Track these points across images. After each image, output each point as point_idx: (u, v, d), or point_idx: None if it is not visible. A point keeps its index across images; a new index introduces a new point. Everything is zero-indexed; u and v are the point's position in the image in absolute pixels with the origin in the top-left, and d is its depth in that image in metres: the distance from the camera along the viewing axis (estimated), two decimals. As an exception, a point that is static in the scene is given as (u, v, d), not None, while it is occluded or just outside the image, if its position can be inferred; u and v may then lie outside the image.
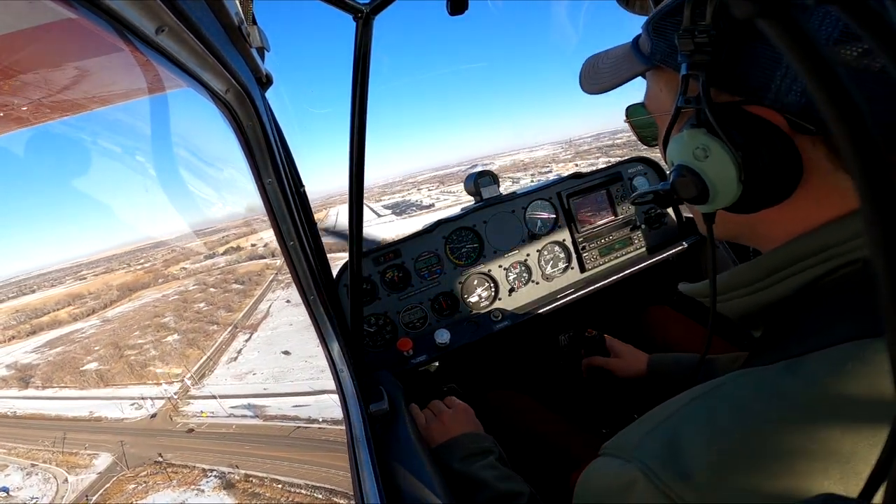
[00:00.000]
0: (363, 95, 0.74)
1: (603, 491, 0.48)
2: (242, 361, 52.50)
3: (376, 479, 0.85)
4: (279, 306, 67.11)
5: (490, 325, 1.50)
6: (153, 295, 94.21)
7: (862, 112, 0.19)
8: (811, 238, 0.47)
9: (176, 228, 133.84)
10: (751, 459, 0.38)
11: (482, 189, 1.67)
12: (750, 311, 0.55)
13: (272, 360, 50.55)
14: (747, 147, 0.46)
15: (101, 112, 0.85)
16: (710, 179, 0.49)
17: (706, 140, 0.48)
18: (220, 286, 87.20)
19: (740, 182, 0.47)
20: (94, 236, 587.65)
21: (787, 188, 0.47)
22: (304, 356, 47.21)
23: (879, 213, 0.19)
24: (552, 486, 1.05)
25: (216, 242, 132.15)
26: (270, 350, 53.02)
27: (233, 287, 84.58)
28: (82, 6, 0.40)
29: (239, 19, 0.73)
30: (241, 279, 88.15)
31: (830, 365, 0.39)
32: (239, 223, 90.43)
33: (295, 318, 58.13)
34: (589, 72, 0.70)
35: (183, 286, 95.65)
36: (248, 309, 70.66)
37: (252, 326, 62.34)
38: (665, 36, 0.53)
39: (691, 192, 0.51)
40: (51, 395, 55.07)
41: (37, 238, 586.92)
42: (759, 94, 0.45)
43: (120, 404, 47.83)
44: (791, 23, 0.19)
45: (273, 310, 66.77)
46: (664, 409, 0.47)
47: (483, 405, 1.34)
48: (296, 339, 51.57)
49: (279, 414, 39.37)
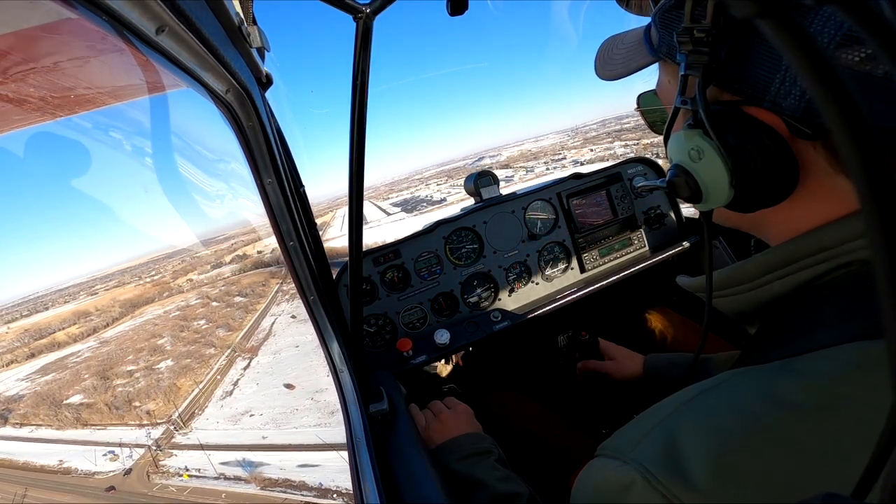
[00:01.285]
0: (363, 95, 0.74)
1: (600, 493, 0.47)
2: (239, 397, 44.68)
3: (376, 479, 0.84)
4: (283, 323, 61.46)
5: (490, 325, 1.50)
6: (155, 311, 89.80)
7: (862, 114, 0.19)
8: (809, 239, 0.47)
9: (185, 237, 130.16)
10: (749, 459, 0.38)
11: (482, 189, 1.67)
12: (746, 308, 0.55)
13: (273, 395, 42.41)
14: (741, 150, 0.46)
15: (100, 112, 0.85)
16: (703, 181, 0.49)
17: (700, 142, 0.48)
18: (222, 299, 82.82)
19: (732, 186, 0.47)
20: (110, 247, 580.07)
21: (782, 191, 0.47)
22: (310, 390, 40.09)
23: (880, 214, 0.19)
24: (552, 487, 1.05)
25: (225, 250, 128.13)
26: (272, 382, 45.21)
27: (235, 301, 79.64)
28: (82, 6, 0.40)
29: (239, 19, 0.73)
30: (244, 291, 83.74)
31: (828, 365, 0.39)
32: (245, 229, 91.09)
33: (301, 337, 51.06)
34: (604, 56, 0.70)
35: (185, 300, 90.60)
36: (250, 327, 64.92)
37: (252, 350, 55.53)
38: (670, 29, 0.53)
39: (685, 192, 0.52)
40: (25, 436, 49.98)
41: (51, 250, 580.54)
42: (758, 96, 0.45)
43: (94, 453, 41.71)
44: (791, 23, 0.19)
45: (277, 328, 60.55)
46: (661, 409, 0.47)
47: (483, 406, 1.34)
48: (301, 367, 44.71)
49: (281, 478, 30.64)
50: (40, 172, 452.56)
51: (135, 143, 0.97)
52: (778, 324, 0.50)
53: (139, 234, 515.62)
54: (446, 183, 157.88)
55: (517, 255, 1.64)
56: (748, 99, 0.46)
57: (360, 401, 1.05)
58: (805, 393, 0.39)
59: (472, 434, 1.03)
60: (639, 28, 0.65)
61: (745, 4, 0.19)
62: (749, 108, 0.46)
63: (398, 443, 0.97)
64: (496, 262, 1.62)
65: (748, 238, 0.64)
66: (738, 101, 0.47)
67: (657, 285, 1.80)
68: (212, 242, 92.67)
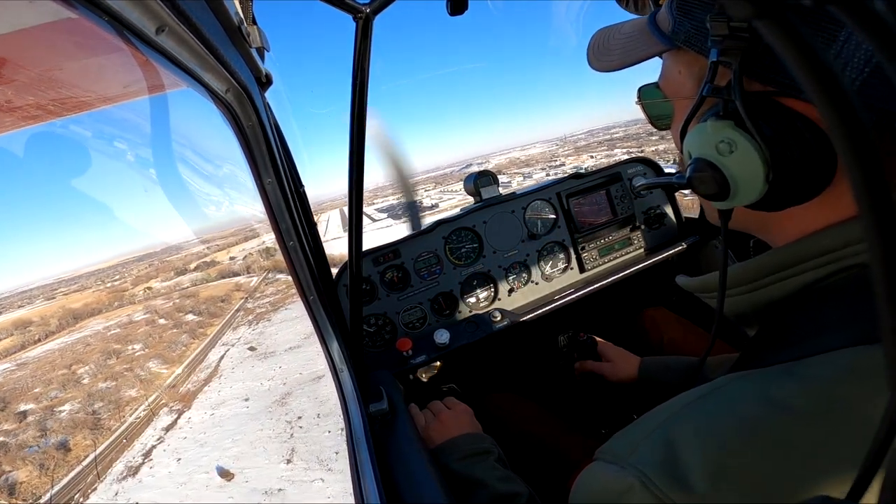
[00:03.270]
0: (363, 96, 0.74)
1: (598, 497, 0.47)
2: (146, 481, 27.43)
3: (376, 478, 0.85)
4: (237, 357, 41.58)
5: (489, 325, 1.50)
6: (96, 326, 71.69)
7: (861, 118, 0.19)
8: (814, 240, 0.46)
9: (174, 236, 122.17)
10: (749, 464, 0.38)
11: (482, 189, 1.67)
12: (745, 309, 0.54)
13: (198, 486, 24.76)
14: (777, 142, 0.42)
15: (100, 112, 0.85)
16: (733, 176, 0.46)
17: (732, 134, 0.44)
18: (171, 316, 64.71)
19: (767, 181, 0.44)
20: (90, 247, 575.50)
21: (817, 186, 0.44)
22: (258, 488, 22.40)
23: (876, 219, 0.19)
24: (552, 488, 1.05)
25: (194, 256, 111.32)
26: (201, 460, 26.86)
27: (186, 319, 60.94)
28: (82, 6, 0.40)
29: (238, 19, 0.73)
30: (199, 307, 65.08)
31: (828, 369, 0.39)
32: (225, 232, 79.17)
33: (255, 384, 33.87)
34: (598, 47, 0.65)
35: (132, 314, 73.52)
36: (192, 361, 46.33)
37: (185, 398, 37.59)
38: (691, 15, 0.49)
39: (711, 189, 0.48)
40: None
41: (33, 248, 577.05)
42: (797, 87, 0.41)
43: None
44: (789, 25, 0.19)
45: (226, 365, 40.77)
46: (660, 413, 0.46)
47: (482, 406, 1.34)
48: (248, 439, 26.22)
49: None
50: (39, 173, 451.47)
51: (134, 144, 0.97)
52: (778, 326, 0.50)
53: (131, 232, 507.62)
54: (435, 189, 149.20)
55: (517, 255, 1.64)
56: (783, 89, 0.43)
57: (359, 400, 1.05)
58: (805, 398, 0.38)
59: (472, 434, 1.03)
60: (637, 18, 0.61)
61: (743, 6, 0.19)
62: (783, 98, 0.43)
63: (398, 442, 0.97)
64: (496, 262, 1.63)
65: (747, 238, 0.63)
66: (771, 92, 0.44)
67: (657, 285, 1.81)
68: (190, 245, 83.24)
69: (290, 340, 29.71)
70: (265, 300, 42.26)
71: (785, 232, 0.50)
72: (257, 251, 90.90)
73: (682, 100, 0.57)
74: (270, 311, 35.09)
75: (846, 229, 0.44)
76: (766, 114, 0.43)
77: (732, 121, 0.45)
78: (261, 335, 31.15)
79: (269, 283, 53.89)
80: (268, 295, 44.31)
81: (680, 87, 0.56)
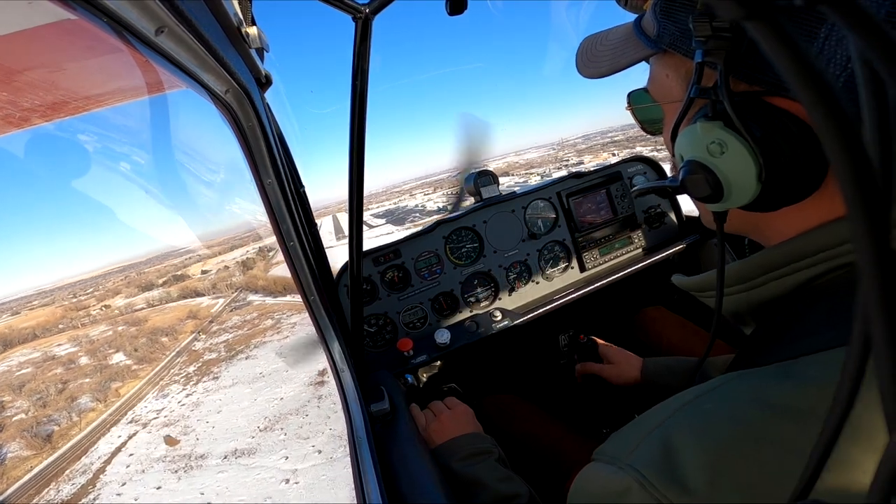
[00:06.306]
0: (363, 95, 0.74)
1: (595, 498, 0.46)
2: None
3: (377, 477, 0.85)
4: (140, 458, 16.06)
5: (490, 324, 1.50)
6: (20, 357, 46.14)
7: (850, 119, 0.19)
8: (808, 238, 0.46)
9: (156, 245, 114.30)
10: (746, 464, 0.38)
11: (482, 189, 1.67)
12: (741, 308, 0.54)
13: None
14: (767, 142, 0.42)
15: (100, 113, 0.85)
16: (726, 177, 0.46)
17: (722, 134, 0.44)
18: (97, 353, 40.43)
19: (759, 181, 0.44)
20: (84, 254, 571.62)
21: (810, 185, 0.44)
22: None
23: (866, 220, 0.19)
24: (552, 489, 1.05)
25: (173, 268, 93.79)
26: None
27: (110, 364, 35.87)
28: (82, 6, 0.40)
29: (238, 20, 0.73)
30: (137, 341, 39.86)
31: (824, 369, 0.39)
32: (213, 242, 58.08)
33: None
34: (586, 54, 0.65)
35: (59, 346, 47.20)
36: (73, 446, 19.63)
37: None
38: (674, 18, 0.49)
39: (704, 191, 0.48)
40: None
41: (28, 255, 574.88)
42: (783, 85, 0.41)
43: None
44: (779, 26, 0.19)
45: (113, 475, 15.49)
46: (657, 413, 0.46)
47: (483, 407, 1.34)
48: None
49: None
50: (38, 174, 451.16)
51: (134, 144, 0.97)
52: (773, 325, 0.50)
53: (123, 239, 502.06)
54: (434, 193, 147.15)
55: (517, 255, 1.65)
56: (770, 89, 0.43)
57: (360, 400, 1.05)
58: (801, 398, 0.38)
59: (473, 434, 1.03)
60: (623, 24, 0.62)
61: (730, 6, 0.19)
62: (771, 98, 0.43)
63: (399, 442, 0.97)
64: (496, 262, 1.63)
65: (744, 237, 0.63)
66: (758, 92, 0.44)
67: (657, 284, 1.81)
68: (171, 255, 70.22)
69: (239, 430, 15.31)
70: (222, 338, 28.64)
71: (780, 232, 0.50)
72: (235, 263, 73.54)
73: (671, 103, 0.56)
74: (224, 358, 22.78)
75: (841, 227, 0.44)
76: (754, 113, 0.43)
77: (722, 121, 0.45)
78: (195, 409, 18.28)
79: (234, 310, 38.01)
80: (228, 329, 30.62)
81: (668, 91, 0.56)
